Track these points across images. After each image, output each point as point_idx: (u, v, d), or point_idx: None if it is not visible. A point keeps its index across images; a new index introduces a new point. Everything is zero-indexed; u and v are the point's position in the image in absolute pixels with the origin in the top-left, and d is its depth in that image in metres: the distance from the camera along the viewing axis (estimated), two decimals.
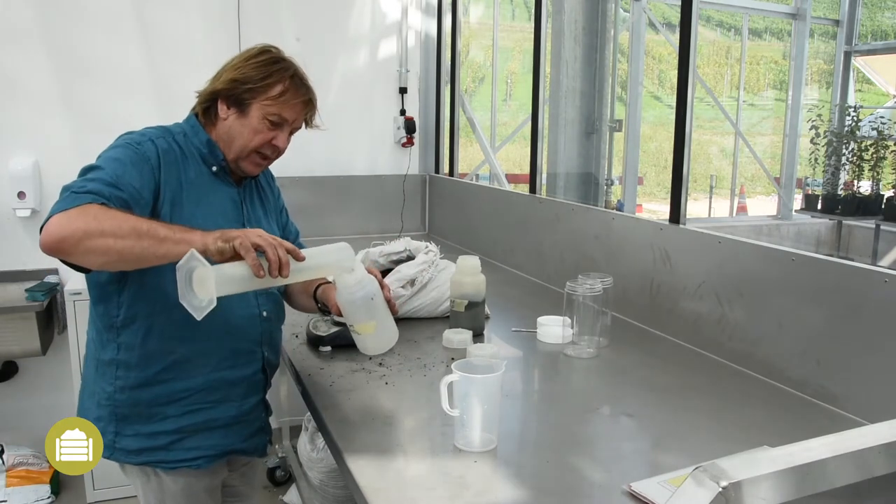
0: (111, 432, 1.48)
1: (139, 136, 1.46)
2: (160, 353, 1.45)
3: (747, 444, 1.30)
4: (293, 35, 3.41)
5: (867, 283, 1.47)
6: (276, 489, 3.07)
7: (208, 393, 1.50)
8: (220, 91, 1.50)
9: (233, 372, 1.53)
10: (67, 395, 2.86)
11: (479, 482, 1.20)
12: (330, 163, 3.54)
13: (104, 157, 1.39)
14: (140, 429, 1.48)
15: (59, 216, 1.22)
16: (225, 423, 1.54)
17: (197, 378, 1.49)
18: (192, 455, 1.51)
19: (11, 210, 3.01)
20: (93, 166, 1.36)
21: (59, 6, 3.03)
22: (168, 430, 1.48)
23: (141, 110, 3.12)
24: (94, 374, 1.52)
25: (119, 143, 1.44)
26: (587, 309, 1.83)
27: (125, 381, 1.46)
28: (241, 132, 1.50)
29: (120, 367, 1.46)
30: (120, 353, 1.46)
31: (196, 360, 1.48)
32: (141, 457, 1.49)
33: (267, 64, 1.50)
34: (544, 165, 3.08)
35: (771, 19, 10.66)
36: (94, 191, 1.27)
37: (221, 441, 1.55)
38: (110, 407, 1.48)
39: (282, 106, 1.49)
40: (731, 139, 7.72)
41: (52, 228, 1.22)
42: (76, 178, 1.34)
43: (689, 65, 1.97)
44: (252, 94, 1.48)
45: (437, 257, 2.14)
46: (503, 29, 8.15)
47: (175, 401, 1.48)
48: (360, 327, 1.52)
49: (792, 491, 0.61)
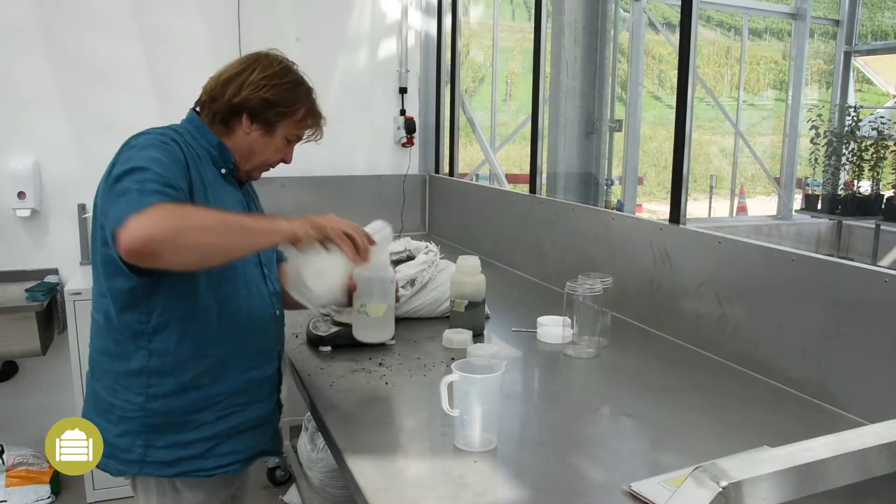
0: (140, 446, 1.41)
1: (160, 136, 1.40)
2: (195, 358, 1.42)
3: (747, 444, 1.30)
4: (293, 35, 3.41)
5: (867, 283, 1.47)
6: (276, 489, 3.07)
7: (240, 395, 1.49)
8: (251, 107, 1.50)
9: (259, 372, 1.53)
10: (67, 395, 2.86)
11: (479, 482, 1.19)
12: (330, 163, 3.55)
13: (144, 158, 1.30)
14: (174, 438, 1.42)
15: (138, 217, 1.15)
16: (255, 425, 1.53)
17: (231, 381, 1.47)
18: (229, 460, 1.48)
19: (11, 210, 3.01)
20: (136, 167, 1.27)
21: (59, 6, 3.03)
22: (205, 437, 1.44)
23: (141, 110, 3.12)
24: (112, 388, 1.43)
25: (148, 144, 1.35)
26: (587, 309, 1.83)
27: (159, 389, 1.40)
28: (264, 149, 1.54)
29: (152, 376, 1.40)
30: (151, 361, 1.40)
31: (229, 363, 1.47)
32: (176, 468, 1.43)
33: (294, 87, 1.53)
34: (544, 165, 3.08)
35: (771, 19, 10.66)
36: (158, 190, 1.22)
37: (253, 443, 1.53)
38: (140, 419, 1.41)
39: (301, 127, 1.56)
40: (731, 139, 7.72)
41: (136, 231, 1.15)
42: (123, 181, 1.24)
43: (689, 65, 1.97)
44: (280, 116, 1.51)
45: (437, 257, 2.14)
46: (503, 29, 8.15)
47: (210, 406, 1.45)
48: (371, 308, 1.54)
49: (792, 491, 0.61)
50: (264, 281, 1.56)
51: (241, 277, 1.48)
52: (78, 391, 2.80)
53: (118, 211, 1.18)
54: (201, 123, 1.52)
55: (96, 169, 3.38)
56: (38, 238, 3.11)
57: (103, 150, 3.32)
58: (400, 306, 2.05)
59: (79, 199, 3.10)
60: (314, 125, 1.59)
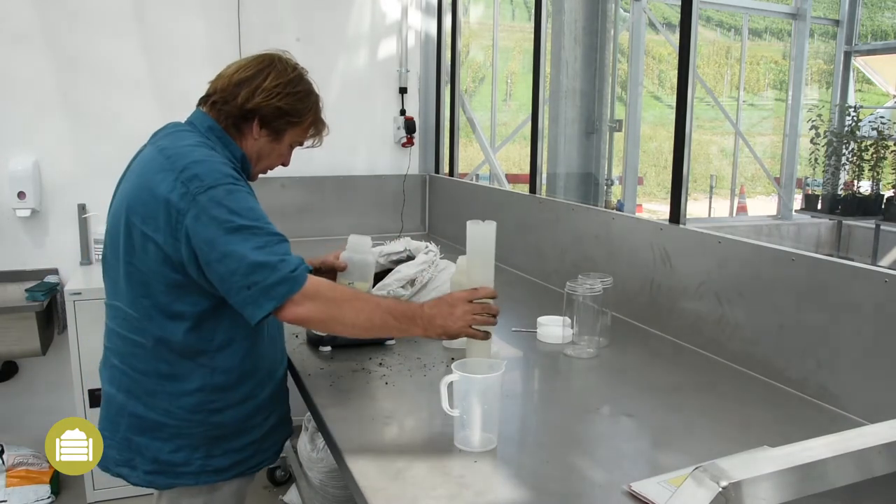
0: (199, 458, 1.47)
1: (222, 166, 1.41)
2: (253, 371, 1.52)
3: (747, 444, 1.31)
4: (293, 35, 3.41)
5: (867, 283, 1.47)
6: (276, 489, 3.07)
7: (277, 396, 1.62)
8: (262, 114, 1.52)
9: (282, 370, 1.67)
10: (67, 395, 2.86)
11: (479, 482, 1.19)
12: (330, 163, 3.55)
13: (247, 210, 1.35)
14: (230, 445, 1.51)
15: (299, 302, 1.33)
16: (285, 415, 1.68)
17: (273, 385, 1.59)
18: (269, 454, 1.62)
19: (11, 210, 3.01)
20: (242, 227, 1.33)
21: (59, 6, 3.03)
22: (255, 440, 1.56)
23: (141, 110, 3.12)
24: (165, 408, 1.45)
25: (229, 189, 1.36)
26: (587, 309, 1.83)
27: (221, 404, 1.47)
28: (270, 154, 1.60)
29: (215, 391, 1.46)
30: (215, 377, 1.45)
31: (272, 370, 1.59)
32: (231, 471, 1.52)
33: (306, 97, 1.57)
34: (544, 165, 3.08)
35: (771, 19, 10.67)
36: (298, 264, 1.35)
37: (283, 434, 1.67)
38: (200, 433, 1.46)
39: (305, 135, 1.62)
40: (731, 139, 7.72)
41: (297, 312, 1.34)
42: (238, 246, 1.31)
43: (689, 65, 1.97)
44: (290, 125, 1.56)
45: (437, 257, 2.14)
46: (503, 29, 8.15)
47: (260, 411, 1.56)
48: (358, 285, 1.77)
49: (792, 491, 0.61)
50: None
51: None
52: (78, 391, 2.80)
53: (261, 289, 1.31)
54: (223, 133, 1.53)
55: (96, 169, 3.40)
56: (38, 238, 3.11)
57: (103, 150, 3.36)
58: None
59: (79, 199, 3.10)
60: (317, 133, 1.64)
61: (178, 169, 1.37)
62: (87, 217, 3.12)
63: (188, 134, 1.49)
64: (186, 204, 1.33)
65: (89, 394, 2.79)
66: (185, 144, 1.44)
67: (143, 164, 1.45)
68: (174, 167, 1.37)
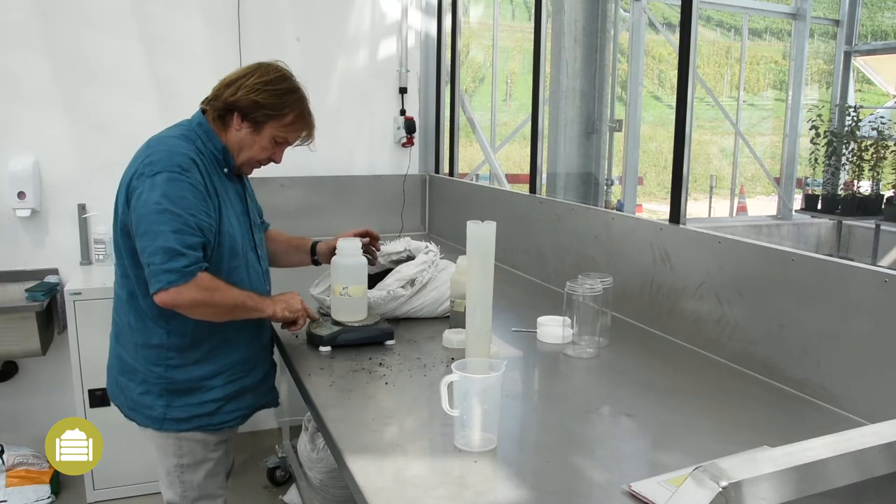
0: (161, 406, 1.68)
1: (180, 157, 1.59)
2: (208, 336, 1.68)
3: (747, 444, 1.31)
4: (293, 35, 3.41)
5: (867, 283, 1.47)
6: (276, 489, 3.07)
7: (243, 364, 1.76)
8: (240, 107, 1.68)
9: (258, 342, 1.81)
10: (67, 395, 2.86)
11: (479, 482, 1.20)
12: (330, 163, 3.54)
13: (170, 198, 1.53)
14: (189, 400, 1.69)
15: (178, 291, 1.51)
16: (255, 387, 1.82)
17: (236, 353, 1.74)
18: (233, 416, 1.77)
19: (11, 210, 3.01)
20: (167, 210, 1.52)
21: (59, 6, 3.03)
22: (215, 399, 1.72)
23: (141, 110, 3.12)
24: (134, 355, 1.69)
25: (172, 176, 1.56)
26: (587, 309, 1.83)
27: (177, 362, 1.67)
28: (251, 146, 1.72)
29: (171, 350, 1.66)
30: (170, 338, 1.65)
31: (235, 338, 1.73)
32: (190, 423, 1.71)
33: (285, 93, 1.70)
34: (544, 165, 3.08)
35: (771, 19, 10.67)
36: (193, 262, 1.53)
37: (253, 401, 1.82)
38: (161, 384, 1.67)
39: (289, 131, 1.72)
40: (731, 139, 7.73)
41: (169, 298, 1.52)
42: (160, 227, 1.51)
43: (689, 65, 1.97)
44: (268, 118, 1.69)
45: (436, 257, 2.14)
46: (503, 29, 8.15)
47: (219, 374, 1.72)
48: (353, 289, 1.83)
49: (792, 491, 0.61)
50: (258, 262, 1.82)
51: (244, 264, 1.74)
52: (78, 391, 2.80)
53: (160, 275, 1.51)
54: (209, 128, 1.70)
55: (96, 169, 3.40)
56: (38, 238, 3.11)
57: (103, 150, 3.36)
58: (400, 306, 2.05)
59: (79, 199, 3.10)
60: (303, 130, 1.75)
61: (145, 155, 1.61)
62: (87, 217, 3.12)
63: (178, 127, 1.71)
64: (137, 183, 1.57)
65: (89, 394, 2.79)
66: (166, 135, 1.67)
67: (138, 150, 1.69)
68: (145, 152, 1.62)
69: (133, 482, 2.91)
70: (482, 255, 1.61)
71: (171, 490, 1.79)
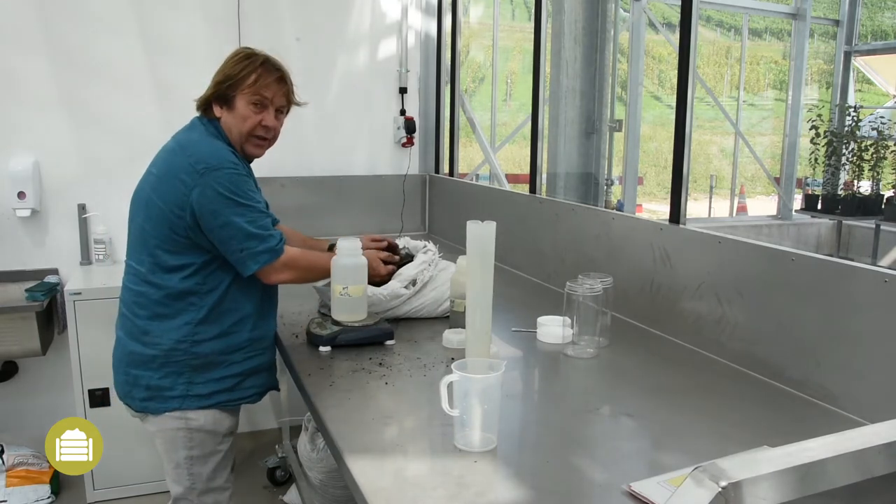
0: (182, 384, 1.75)
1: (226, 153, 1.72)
2: (232, 310, 1.77)
3: (747, 444, 1.31)
4: (293, 35, 3.41)
5: (867, 283, 1.47)
6: (276, 489, 3.07)
7: (258, 342, 1.84)
8: (210, 96, 1.78)
9: (268, 325, 1.89)
10: (67, 395, 2.86)
11: (479, 482, 1.20)
12: (330, 163, 3.54)
13: (238, 191, 1.68)
14: (211, 375, 1.77)
15: (279, 269, 1.74)
16: (266, 367, 1.90)
17: (253, 330, 1.81)
18: (250, 392, 1.85)
19: (11, 210, 3.01)
20: (239, 202, 1.68)
21: (59, 6, 3.03)
22: (234, 374, 1.80)
23: (141, 110, 3.12)
24: (154, 341, 1.74)
25: (232, 172, 1.69)
26: (587, 309, 1.83)
27: (203, 336, 1.74)
28: (235, 122, 1.78)
29: (199, 325, 1.74)
30: (200, 313, 1.74)
31: (255, 315, 1.81)
32: (211, 399, 1.78)
33: (240, 60, 1.77)
34: (544, 165, 3.08)
35: (771, 19, 10.68)
36: (278, 240, 1.74)
37: (265, 381, 1.90)
38: (184, 361, 1.74)
39: (258, 89, 1.76)
40: (731, 139, 7.73)
41: (275, 275, 1.75)
42: (238, 218, 1.67)
43: (689, 65, 1.97)
44: (233, 88, 1.75)
45: (436, 256, 2.14)
46: (503, 29, 8.15)
47: (240, 349, 1.80)
48: (353, 289, 1.85)
49: (792, 491, 0.61)
50: None
51: None
52: (78, 391, 2.80)
53: (253, 253, 1.70)
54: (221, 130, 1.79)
55: (96, 169, 3.40)
56: (38, 238, 3.11)
57: (103, 150, 3.36)
58: (400, 306, 2.05)
59: (79, 199, 3.10)
60: (273, 83, 1.77)
61: (188, 154, 1.69)
62: (87, 217, 3.12)
63: (195, 130, 1.80)
64: (193, 180, 1.65)
65: (89, 394, 2.79)
66: (196, 138, 1.76)
67: (166, 152, 1.77)
68: (185, 152, 1.71)
69: (133, 482, 2.91)
70: (482, 255, 1.61)
71: (178, 484, 1.81)
